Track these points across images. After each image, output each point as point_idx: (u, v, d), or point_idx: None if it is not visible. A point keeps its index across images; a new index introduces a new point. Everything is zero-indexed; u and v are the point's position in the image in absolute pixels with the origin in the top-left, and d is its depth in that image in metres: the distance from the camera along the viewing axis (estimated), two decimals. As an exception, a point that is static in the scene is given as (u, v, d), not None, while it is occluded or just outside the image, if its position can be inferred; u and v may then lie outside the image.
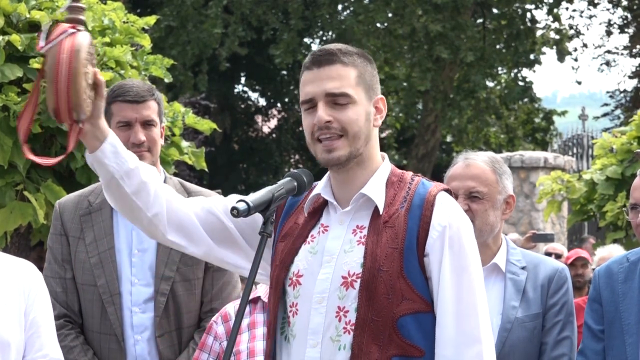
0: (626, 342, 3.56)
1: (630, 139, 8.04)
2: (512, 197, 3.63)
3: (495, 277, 3.60)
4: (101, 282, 3.74)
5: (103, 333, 3.75)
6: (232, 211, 2.54)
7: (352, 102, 2.64)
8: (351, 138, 2.64)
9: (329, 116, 2.62)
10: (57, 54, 2.54)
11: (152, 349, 3.76)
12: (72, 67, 2.53)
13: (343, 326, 2.58)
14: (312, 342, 2.61)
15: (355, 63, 2.68)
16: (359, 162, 2.68)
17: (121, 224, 3.82)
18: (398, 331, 2.55)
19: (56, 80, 2.53)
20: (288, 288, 2.70)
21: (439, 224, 2.61)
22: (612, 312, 3.63)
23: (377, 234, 2.60)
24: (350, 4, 22.44)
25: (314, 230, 2.71)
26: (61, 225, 3.85)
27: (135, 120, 3.76)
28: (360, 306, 2.56)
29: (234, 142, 25.67)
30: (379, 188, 2.67)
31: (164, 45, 20.17)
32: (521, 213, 14.21)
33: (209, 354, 3.60)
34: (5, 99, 4.60)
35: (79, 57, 2.55)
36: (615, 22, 25.99)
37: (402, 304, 2.56)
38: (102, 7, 5.21)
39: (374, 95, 2.71)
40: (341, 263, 2.62)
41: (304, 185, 2.72)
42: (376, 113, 2.71)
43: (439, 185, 2.70)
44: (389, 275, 2.56)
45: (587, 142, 18.84)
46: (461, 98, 22.26)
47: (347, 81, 2.65)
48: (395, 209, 2.63)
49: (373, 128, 2.70)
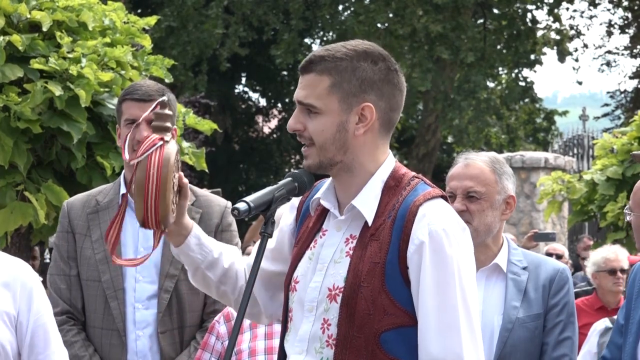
0: (627, 340, 3.58)
1: (630, 140, 8.05)
2: (512, 197, 3.62)
3: (497, 277, 3.60)
4: (105, 277, 3.78)
5: (105, 328, 3.77)
6: (233, 211, 2.54)
7: (319, 113, 2.57)
8: (319, 148, 2.59)
9: (297, 123, 2.60)
10: (147, 169, 2.56)
11: (153, 345, 3.78)
12: (161, 183, 2.56)
13: (325, 339, 2.55)
14: (299, 349, 2.60)
15: (334, 70, 2.56)
16: (344, 169, 2.61)
17: (128, 222, 3.83)
18: (381, 347, 2.50)
19: (145, 195, 2.56)
20: (289, 293, 2.69)
21: (417, 237, 2.50)
22: (630, 309, 3.67)
23: (363, 247, 2.55)
24: (350, 5, 22.43)
25: (318, 234, 2.69)
26: (68, 222, 3.89)
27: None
28: (341, 322, 2.53)
29: (234, 143, 25.66)
30: (371, 198, 2.59)
31: (165, 45, 20.17)
32: (522, 213, 14.20)
33: (211, 353, 3.61)
34: (5, 99, 4.60)
35: (168, 170, 2.58)
36: (616, 22, 25.98)
37: (384, 319, 2.50)
38: (103, 8, 5.21)
39: (358, 102, 2.57)
40: (330, 274, 2.59)
41: (305, 186, 2.70)
42: (359, 121, 2.57)
43: (429, 192, 2.59)
44: (369, 290, 2.51)
45: (587, 143, 18.83)
46: (462, 98, 22.24)
47: (315, 91, 2.57)
48: (383, 220, 2.56)
49: (356, 137, 2.58)
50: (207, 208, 3.89)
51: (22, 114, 4.58)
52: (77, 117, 4.66)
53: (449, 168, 3.68)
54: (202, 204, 3.89)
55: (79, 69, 4.70)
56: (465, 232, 2.59)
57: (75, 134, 4.61)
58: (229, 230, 3.92)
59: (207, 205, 3.90)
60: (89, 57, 4.82)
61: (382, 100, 2.61)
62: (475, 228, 3.49)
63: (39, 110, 4.66)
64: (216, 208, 3.91)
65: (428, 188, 2.61)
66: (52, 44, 4.86)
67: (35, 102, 4.59)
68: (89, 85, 4.67)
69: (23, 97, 4.64)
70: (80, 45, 4.86)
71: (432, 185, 2.65)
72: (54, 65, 4.69)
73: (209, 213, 3.88)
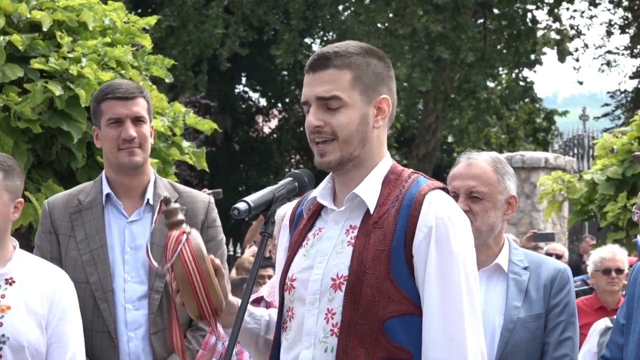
0: (629, 340, 3.58)
1: (630, 139, 8.05)
2: (514, 197, 3.62)
3: (498, 277, 3.60)
4: (93, 279, 3.74)
5: (95, 330, 3.74)
6: (233, 211, 2.54)
7: (344, 106, 2.60)
8: (342, 142, 2.61)
9: (319, 120, 2.61)
10: (184, 266, 2.55)
11: (146, 347, 3.76)
12: (204, 272, 2.56)
13: (330, 328, 2.56)
14: (307, 343, 2.60)
15: (352, 65, 2.62)
16: (357, 164, 2.65)
17: (113, 222, 3.83)
18: (385, 334, 2.52)
19: (194, 290, 2.56)
20: (285, 294, 2.69)
21: (425, 224, 2.54)
22: (631, 309, 3.67)
23: (366, 235, 2.57)
24: (351, 4, 22.44)
25: (310, 233, 2.70)
26: (50, 223, 3.85)
27: (126, 117, 3.78)
28: (345, 309, 2.54)
29: (234, 143, 25.66)
30: (373, 187, 2.63)
31: (165, 45, 20.17)
32: (522, 213, 14.21)
33: (211, 354, 3.60)
34: (6, 99, 4.60)
35: (204, 259, 2.57)
36: (616, 22, 25.99)
37: (389, 307, 2.52)
38: (103, 7, 5.21)
39: (376, 95, 2.64)
40: (332, 264, 2.60)
41: (305, 186, 2.70)
42: (377, 114, 2.65)
43: (433, 184, 2.64)
44: (375, 277, 2.53)
45: (587, 143, 18.84)
46: (462, 98, 22.24)
47: (339, 84, 2.60)
48: (386, 209, 2.59)
49: (373, 129, 2.64)
50: (192, 204, 3.86)
51: (22, 114, 4.58)
52: (77, 117, 4.66)
53: (449, 168, 3.68)
54: (186, 201, 3.85)
55: (79, 68, 4.70)
56: (467, 223, 2.64)
57: (76, 133, 4.61)
58: (214, 226, 3.91)
59: (192, 202, 3.87)
60: (89, 57, 4.82)
61: (390, 93, 2.69)
62: (477, 228, 3.49)
63: (39, 110, 4.65)
64: (200, 204, 3.89)
65: (429, 181, 2.66)
66: (52, 44, 4.85)
67: (36, 102, 4.59)
68: (89, 85, 4.67)
69: (23, 97, 4.64)
70: (80, 45, 4.86)
71: (432, 179, 2.69)
72: (54, 65, 4.69)
73: (193, 210, 3.85)
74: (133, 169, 3.81)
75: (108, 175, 3.87)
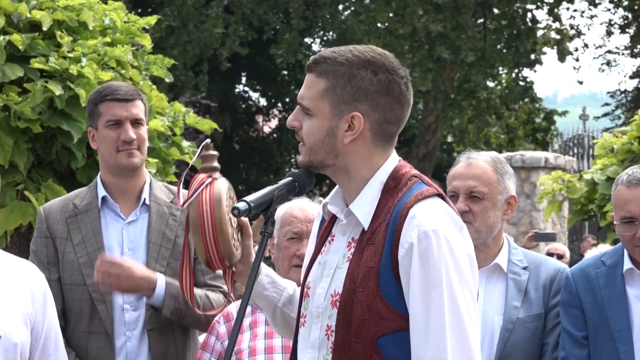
0: (619, 349, 3.54)
1: (631, 139, 8.04)
2: (513, 197, 3.62)
3: (497, 277, 3.60)
4: (91, 281, 3.73)
5: (91, 332, 3.74)
6: (233, 211, 2.53)
7: (310, 115, 2.57)
8: (308, 149, 2.59)
9: (294, 121, 2.61)
10: (199, 207, 2.57)
11: (143, 344, 3.76)
12: (216, 218, 2.56)
13: (330, 345, 2.54)
14: (310, 356, 2.59)
15: (331, 74, 2.54)
16: (340, 171, 2.60)
17: (110, 225, 3.83)
18: (379, 352, 2.48)
19: (203, 233, 2.56)
20: (302, 300, 2.69)
21: (406, 240, 2.46)
22: (596, 319, 3.58)
23: (361, 251, 2.54)
24: (351, 4, 22.43)
25: (327, 239, 2.69)
26: (46, 228, 3.84)
27: (126, 119, 3.80)
28: (338, 328, 2.52)
29: (234, 142, 25.67)
30: (367, 202, 2.56)
31: (165, 45, 20.17)
32: (522, 213, 14.20)
33: (211, 354, 3.61)
34: (5, 98, 4.60)
35: (221, 205, 2.58)
36: (616, 22, 25.98)
37: (380, 324, 2.48)
38: (103, 7, 5.21)
39: (349, 110, 2.53)
40: (334, 279, 2.58)
41: (305, 186, 2.69)
42: (348, 129, 2.54)
43: (422, 192, 2.54)
44: (365, 295, 2.49)
45: (587, 142, 18.85)
46: (462, 98, 22.25)
47: (311, 92, 2.57)
48: (379, 223, 2.54)
49: (345, 144, 2.54)
50: None
51: (22, 114, 4.58)
52: (77, 116, 4.66)
53: (449, 168, 3.68)
54: None
55: (79, 68, 4.70)
56: (462, 231, 2.54)
57: (76, 133, 4.60)
58: None
59: None
60: (89, 56, 4.82)
61: (376, 111, 2.57)
62: (477, 229, 3.49)
63: (39, 109, 4.65)
64: None
65: (423, 187, 2.57)
66: (52, 44, 4.85)
67: (36, 101, 4.59)
68: (89, 85, 4.67)
69: (23, 97, 4.63)
70: (80, 45, 4.86)
71: (430, 183, 2.60)
72: (54, 64, 4.68)
73: None
74: (131, 171, 3.82)
75: (104, 177, 3.88)
